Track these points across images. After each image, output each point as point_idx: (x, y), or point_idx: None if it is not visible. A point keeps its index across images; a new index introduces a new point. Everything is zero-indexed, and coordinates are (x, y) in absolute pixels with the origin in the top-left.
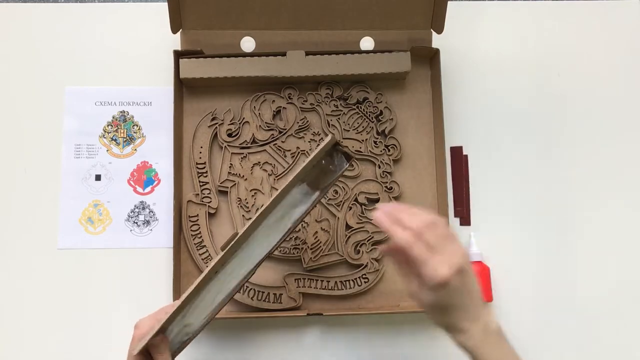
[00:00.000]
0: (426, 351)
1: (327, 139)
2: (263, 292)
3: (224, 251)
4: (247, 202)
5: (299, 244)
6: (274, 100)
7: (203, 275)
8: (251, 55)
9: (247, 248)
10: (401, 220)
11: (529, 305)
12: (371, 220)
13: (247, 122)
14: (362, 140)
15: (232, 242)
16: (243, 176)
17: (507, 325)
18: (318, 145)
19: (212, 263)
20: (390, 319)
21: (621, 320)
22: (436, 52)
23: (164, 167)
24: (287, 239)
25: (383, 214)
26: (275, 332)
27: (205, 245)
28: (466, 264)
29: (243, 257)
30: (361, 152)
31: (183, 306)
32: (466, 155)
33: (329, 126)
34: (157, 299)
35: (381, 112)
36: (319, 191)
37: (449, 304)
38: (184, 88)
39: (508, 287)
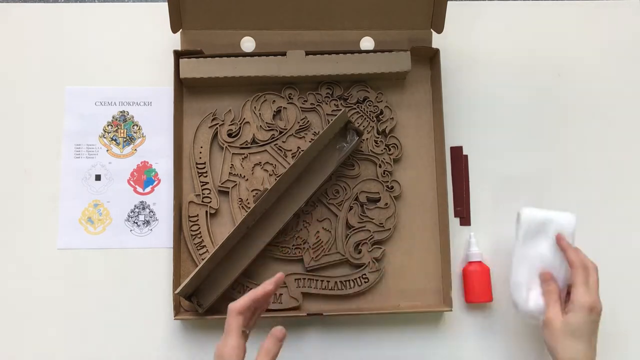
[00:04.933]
0: (426, 351)
1: (340, 114)
2: None
3: (255, 204)
4: (248, 203)
5: (300, 244)
6: (274, 100)
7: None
8: (251, 55)
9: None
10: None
11: None
12: (372, 219)
13: (248, 122)
14: (363, 140)
15: (263, 195)
16: (244, 176)
17: (507, 325)
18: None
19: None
20: (390, 319)
21: (621, 321)
22: (436, 52)
23: (164, 167)
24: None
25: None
26: None
27: (205, 245)
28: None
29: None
30: (362, 151)
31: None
32: (466, 155)
33: None
34: (157, 299)
35: (381, 112)
36: (346, 146)
37: (584, 329)
38: (184, 88)
39: (508, 287)
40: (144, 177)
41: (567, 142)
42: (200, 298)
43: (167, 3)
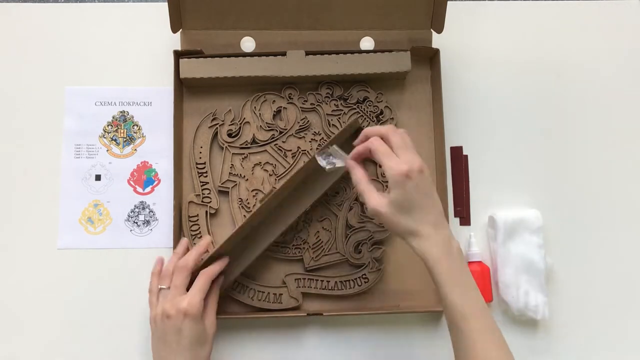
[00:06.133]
0: (426, 351)
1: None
2: (263, 292)
3: (262, 203)
4: (248, 203)
5: (300, 244)
6: (274, 100)
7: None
8: (251, 55)
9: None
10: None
11: None
12: (372, 219)
13: (248, 122)
14: None
15: (268, 197)
16: (244, 176)
17: (507, 325)
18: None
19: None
20: (390, 319)
21: (619, 322)
22: (436, 52)
23: (164, 167)
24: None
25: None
26: (275, 332)
27: None
28: (425, 168)
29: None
30: None
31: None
32: (466, 155)
33: (330, 126)
34: None
35: (382, 112)
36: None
37: (409, 201)
38: (184, 88)
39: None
40: (144, 177)
41: (567, 142)
42: None
43: (167, 3)
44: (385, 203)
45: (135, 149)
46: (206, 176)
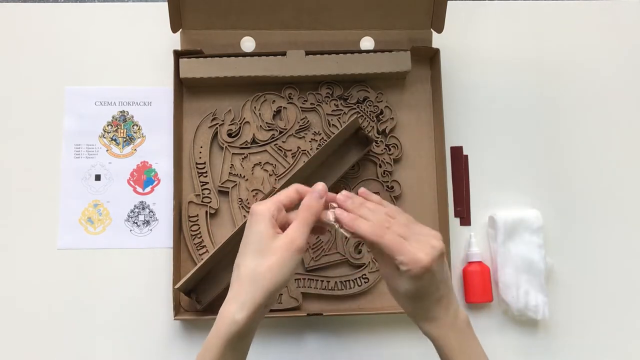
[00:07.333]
0: (426, 351)
1: (351, 121)
2: None
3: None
4: (248, 203)
5: None
6: (274, 100)
7: None
8: (251, 55)
9: None
10: (362, 215)
11: None
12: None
13: (248, 122)
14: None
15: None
16: (244, 176)
17: (507, 325)
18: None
19: None
20: (390, 320)
21: (619, 322)
22: (436, 52)
23: (164, 167)
24: None
25: (341, 212)
26: (275, 332)
27: (205, 245)
28: (443, 248)
29: None
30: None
31: None
32: (466, 155)
33: (330, 126)
34: (157, 299)
35: (382, 112)
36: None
37: (426, 292)
38: (184, 88)
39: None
40: (144, 177)
41: (567, 142)
42: (199, 294)
43: (167, 3)
44: (400, 285)
45: (135, 149)
46: (206, 176)
